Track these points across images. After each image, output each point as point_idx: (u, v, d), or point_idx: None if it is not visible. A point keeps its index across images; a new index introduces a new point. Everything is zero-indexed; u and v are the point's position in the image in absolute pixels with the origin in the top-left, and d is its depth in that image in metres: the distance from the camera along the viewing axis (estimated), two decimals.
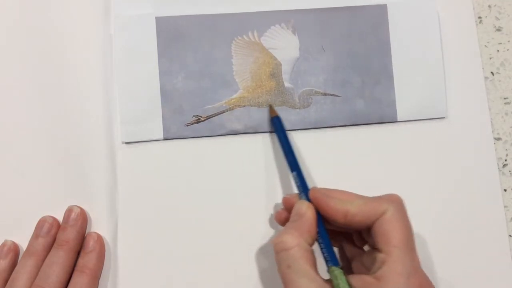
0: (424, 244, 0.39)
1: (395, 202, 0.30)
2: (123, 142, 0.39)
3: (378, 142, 0.40)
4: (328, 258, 0.31)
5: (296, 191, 0.35)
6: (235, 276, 0.38)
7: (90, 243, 0.37)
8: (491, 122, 0.41)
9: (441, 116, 0.41)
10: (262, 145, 0.40)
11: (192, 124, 0.39)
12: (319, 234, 0.32)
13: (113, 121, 0.39)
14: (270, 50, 0.40)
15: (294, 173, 0.35)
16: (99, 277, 0.37)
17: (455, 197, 0.40)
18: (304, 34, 0.41)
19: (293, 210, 0.33)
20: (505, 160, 0.41)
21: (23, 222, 0.37)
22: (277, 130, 0.38)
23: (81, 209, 0.37)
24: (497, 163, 0.41)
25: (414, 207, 0.32)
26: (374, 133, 0.40)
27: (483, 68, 0.42)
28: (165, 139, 0.39)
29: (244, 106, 0.40)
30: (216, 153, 0.39)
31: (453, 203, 0.40)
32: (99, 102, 0.39)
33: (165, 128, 0.39)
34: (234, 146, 0.39)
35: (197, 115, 0.39)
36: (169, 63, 0.39)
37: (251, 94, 0.40)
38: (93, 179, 0.38)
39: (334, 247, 0.32)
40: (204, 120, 0.39)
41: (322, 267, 0.31)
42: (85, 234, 0.38)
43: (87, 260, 0.36)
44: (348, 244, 0.34)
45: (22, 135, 0.39)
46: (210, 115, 0.39)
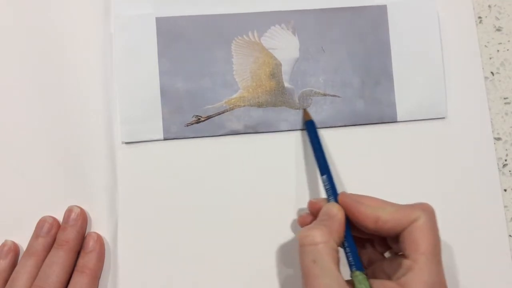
0: None
1: (427, 211, 0.30)
2: (123, 142, 0.39)
3: (378, 142, 0.40)
4: (353, 263, 0.31)
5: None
6: (235, 276, 0.38)
7: (90, 243, 0.37)
8: (491, 122, 0.41)
9: (441, 116, 0.41)
10: (262, 145, 0.40)
11: (192, 124, 0.39)
12: (345, 238, 0.32)
13: (113, 121, 0.39)
14: (270, 50, 0.40)
15: (324, 176, 0.35)
16: (99, 277, 0.37)
17: (455, 197, 0.40)
18: (304, 35, 0.41)
19: (323, 210, 0.33)
20: (505, 160, 0.41)
21: (23, 222, 0.37)
22: (310, 134, 0.38)
23: (81, 209, 0.37)
24: (497, 163, 0.41)
25: None
26: (374, 133, 0.40)
27: (483, 68, 0.42)
28: (165, 139, 0.39)
29: (244, 106, 0.40)
30: (216, 153, 0.39)
31: (453, 203, 0.40)
32: (99, 102, 0.39)
33: (165, 128, 0.39)
34: (234, 146, 0.39)
35: (197, 115, 0.39)
36: (169, 63, 0.39)
37: (251, 94, 0.40)
38: (93, 179, 0.38)
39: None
40: (204, 120, 0.39)
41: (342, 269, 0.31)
42: (85, 234, 0.38)
43: (87, 260, 0.36)
44: (367, 250, 0.34)
45: (22, 135, 0.39)
46: (210, 115, 0.39)
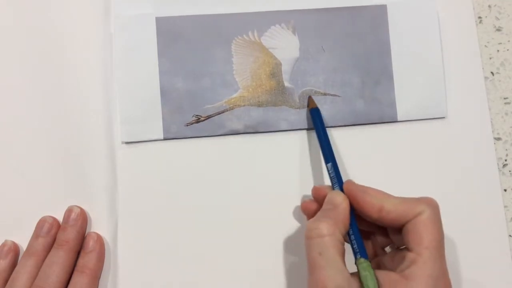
0: None
1: (432, 205, 0.31)
2: (123, 142, 0.39)
3: (378, 142, 0.40)
4: (358, 250, 0.32)
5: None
6: (235, 276, 0.38)
7: (90, 243, 0.37)
8: (491, 122, 0.41)
9: (441, 116, 0.41)
10: (262, 145, 0.40)
11: (192, 124, 0.39)
12: (350, 225, 0.32)
13: (113, 121, 0.39)
14: (270, 50, 0.40)
15: (329, 164, 0.35)
16: (99, 277, 0.37)
17: (455, 197, 0.40)
18: (304, 34, 0.41)
19: (327, 199, 0.33)
20: (505, 160, 0.41)
21: (23, 222, 0.37)
22: (315, 121, 0.38)
23: (81, 209, 0.37)
24: (497, 163, 0.41)
25: None
26: (374, 133, 0.40)
27: (483, 68, 0.42)
28: (165, 139, 0.39)
29: (244, 105, 0.40)
30: (216, 153, 0.39)
31: (453, 203, 0.40)
32: (99, 102, 0.39)
33: (165, 128, 0.39)
34: (234, 145, 0.39)
35: (197, 115, 0.39)
36: (169, 63, 0.39)
37: (251, 93, 0.40)
38: (93, 179, 0.38)
39: (348, 246, 0.32)
40: (204, 120, 0.39)
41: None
42: (85, 234, 0.38)
43: (87, 260, 0.36)
44: (368, 244, 0.35)
45: (22, 135, 0.39)
46: (210, 115, 0.39)
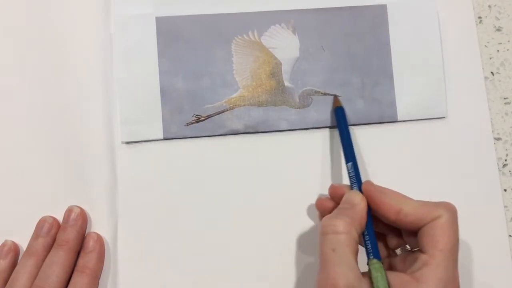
0: None
1: (451, 210, 0.31)
2: (123, 142, 0.39)
3: (378, 142, 0.40)
4: (371, 251, 0.32)
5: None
6: (235, 276, 0.38)
7: (90, 243, 0.37)
8: (491, 122, 0.41)
9: (441, 116, 0.41)
10: (262, 145, 0.40)
11: (192, 123, 0.39)
12: (366, 226, 0.32)
13: (113, 121, 0.39)
14: (270, 50, 0.40)
15: (349, 164, 0.35)
16: (99, 277, 0.37)
17: (455, 197, 0.40)
18: (304, 34, 0.41)
19: (345, 198, 0.33)
20: (505, 160, 0.41)
21: (23, 222, 0.37)
22: (338, 120, 0.38)
23: (81, 209, 0.37)
24: (497, 163, 0.41)
25: None
26: (374, 133, 0.40)
27: (483, 68, 0.42)
28: (165, 139, 0.39)
29: (244, 105, 0.40)
30: (216, 153, 0.39)
31: (453, 203, 0.40)
32: (99, 102, 0.39)
33: (165, 128, 0.39)
34: (234, 145, 0.39)
35: (197, 115, 0.39)
36: (169, 63, 0.39)
37: (251, 93, 0.40)
38: (93, 179, 0.38)
39: (360, 246, 0.32)
40: (204, 120, 0.39)
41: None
42: (85, 234, 0.38)
43: (87, 260, 0.36)
44: (380, 244, 0.35)
45: (22, 135, 0.39)
46: (210, 115, 0.39)
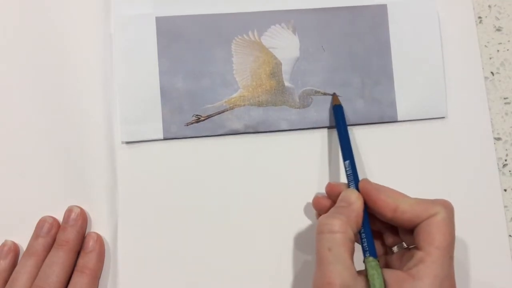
0: None
1: (448, 208, 0.31)
2: (123, 142, 0.39)
3: (378, 142, 0.40)
4: (367, 249, 0.32)
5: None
6: (235, 275, 0.38)
7: (90, 243, 0.37)
8: (491, 122, 0.41)
9: (441, 116, 0.41)
10: (262, 145, 0.40)
11: (192, 123, 0.39)
12: (362, 224, 0.32)
13: (113, 121, 0.39)
14: (270, 50, 0.40)
15: (347, 162, 0.35)
16: (99, 277, 0.37)
17: (455, 197, 0.40)
18: (304, 34, 0.41)
19: (341, 196, 0.33)
20: (505, 160, 0.41)
21: (23, 222, 0.37)
22: (337, 118, 0.38)
23: (81, 209, 0.37)
24: (497, 163, 0.41)
25: None
26: (374, 133, 0.40)
27: (483, 68, 0.42)
28: (165, 139, 0.39)
29: (244, 105, 0.40)
30: (216, 153, 0.39)
31: (453, 203, 0.40)
32: (99, 102, 0.39)
33: (165, 128, 0.39)
34: (234, 145, 0.39)
35: (197, 115, 0.39)
36: (169, 62, 0.39)
37: (251, 93, 0.40)
38: (93, 179, 0.38)
39: (357, 244, 0.32)
40: (204, 120, 0.39)
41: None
42: (85, 234, 0.38)
43: (87, 260, 0.36)
44: (377, 242, 0.35)
45: (22, 135, 0.39)
46: (210, 115, 0.39)
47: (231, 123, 0.39)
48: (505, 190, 0.41)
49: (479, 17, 0.43)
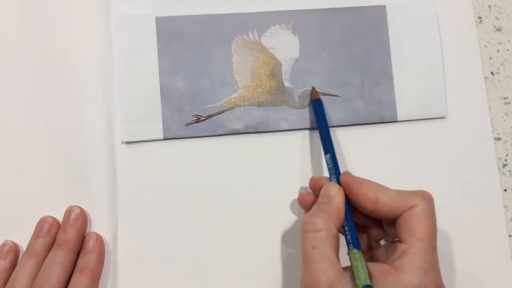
0: None
1: (427, 199, 0.31)
2: (123, 142, 0.39)
3: (378, 142, 0.40)
4: (351, 241, 0.32)
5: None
6: (235, 275, 0.38)
7: (90, 243, 0.37)
8: (491, 122, 0.41)
9: (441, 116, 0.41)
10: (262, 145, 0.40)
11: (192, 123, 0.39)
12: (344, 216, 0.32)
13: (113, 121, 0.39)
14: (270, 50, 0.40)
15: (327, 155, 0.35)
16: (99, 277, 0.37)
17: (455, 197, 0.40)
18: (304, 35, 0.41)
19: (322, 191, 0.33)
20: (505, 160, 0.41)
21: (23, 222, 0.37)
22: (316, 112, 0.38)
23: (81, 209, 0.37)
24: (497, 163, 0.41)
25: None
26: (374, 133, 0.40)
27: (483, 68, 0.42)
28: (165, 139, 0.39)
29: (244, 105, 0.40)
30: (216, 153, 0.39)
31: (453, 203, 0.40)
32: (99, 102, 0.39)
33: (165, 128, 0.39)
34: (234, 145, 0.39)
35: (197, 115, 0.39)
36: (169, 63, 0.39)
37: (251, 93, 0.40)
38: (93, 179, 0.38)
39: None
40: (204, 120, 0.39)
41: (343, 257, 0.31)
42: (85, 234, 0.38)
43: (87, 260, 0.36)
44: (363, 237, 0.35)
45: (22, 135, 0.39)
46: (210, 115, 0.39)
47: (231, 123, 0.39)
48: (505, 190, 0.41)
49: (479, 17, 0.43)
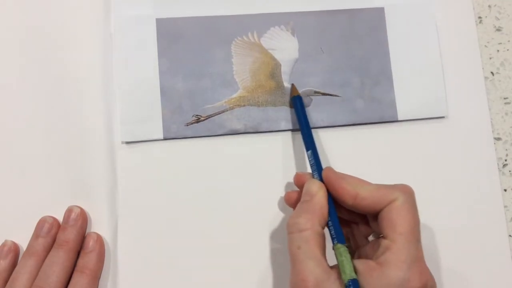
0: (424, 244, 0.39)
1: (407, 193, 0.31)
2: (123, 142, 0.39)
3: (378, 142, 0.40)
4: (335, 236, 0.32)
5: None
6: (235, 275, 0.38)
7: (90, 243, 0.37)
8: (491, 122, 0.41)
9: (441, 116, 0.41)
10: (262, 145, 0.40)
11: (192, 123, 0.39)
12: (328, 212, 0.32)
13: (113, 121, 0.39)
14: (270, 51, 0.40)
15: (309, 152, 0.36)
16: (99, 277, 0.37)
17: (455, 197, 0.40)
18: (303, 36, 0.41)
19: (304, 189, 0.33)
20: (505, 160, 0.41)
21: (23, 222, 0.37)
22: (296, 109, 0.39)
23: (81, 209, 0.37)
24: (497, 163, 0.41)
25: None
26: (374, 133, 0.40)
27: (483, 68, 0.42)
28: (165, 139, 0.39)
29: (244, 105, 0.40)
30: (216, 153, 0.39)
31: (453, 203, 0.40)
32: (99, 102, 0.39)
33: (165, 128, 0.39)
34: (234, 146, 0.39)
35: (197, 115, 0.39)
36: (169, 63, 0.39)
37: (251, 94, 0.40)
38: (93, 179, 0.38)
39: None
40: (204, 120, 0.39)
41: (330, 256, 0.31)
42: (85, 234, 0.38)
43: (87, 260, 0.36)
44: (351, 232, 0.35)
45: (22, 135, 0.39)
46: (210, 115, 0.39)
47: (231, 123, 0.39)
48: (505, 190, 0.41)
49: (479, 17, 0.43)
